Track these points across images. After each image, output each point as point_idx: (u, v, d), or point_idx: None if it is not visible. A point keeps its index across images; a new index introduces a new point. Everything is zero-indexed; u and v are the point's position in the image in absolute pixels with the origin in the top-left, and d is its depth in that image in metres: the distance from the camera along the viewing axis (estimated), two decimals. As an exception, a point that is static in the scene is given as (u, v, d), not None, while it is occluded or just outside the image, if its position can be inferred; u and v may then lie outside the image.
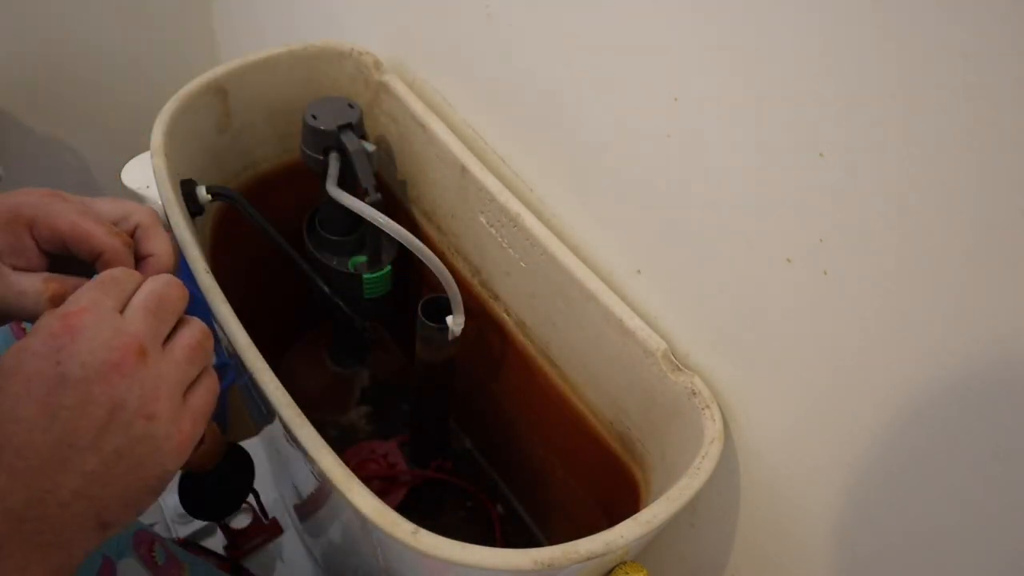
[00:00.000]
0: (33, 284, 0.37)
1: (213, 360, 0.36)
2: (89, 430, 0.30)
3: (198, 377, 0.35)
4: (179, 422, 0.33)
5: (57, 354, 0.30)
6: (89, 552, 0.31)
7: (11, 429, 0.29)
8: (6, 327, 0.50)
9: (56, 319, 0.31)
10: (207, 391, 0.35)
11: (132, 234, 0.40)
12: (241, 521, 0.76)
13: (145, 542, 0.51)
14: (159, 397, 0.32)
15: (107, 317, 0.32)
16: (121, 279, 0.34)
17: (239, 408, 0.89)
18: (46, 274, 0.38)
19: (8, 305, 0.37)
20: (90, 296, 0.32)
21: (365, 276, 0.59)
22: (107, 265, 0.37)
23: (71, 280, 0.38)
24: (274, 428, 0.46)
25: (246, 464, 0.52)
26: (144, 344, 0.32)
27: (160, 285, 0.34)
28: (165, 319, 0.34)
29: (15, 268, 0.37)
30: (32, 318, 0.37)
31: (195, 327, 0.35)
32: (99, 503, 0.31)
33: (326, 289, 0.60)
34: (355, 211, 0.50)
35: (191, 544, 0.73)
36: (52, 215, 0.37)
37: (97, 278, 0.34)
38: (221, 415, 0.90)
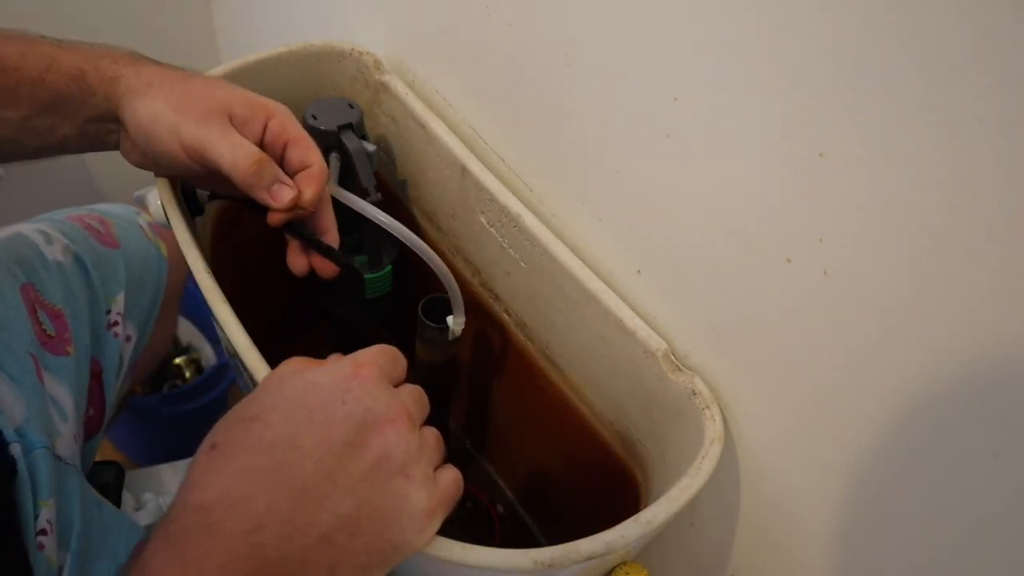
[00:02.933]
0: (249, 146, 0.42)
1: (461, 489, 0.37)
2: (354, 472, 0.31)
3: (442, 467, 0.36)
4: (430, 492, 0.33)
5: (344, 394, 0.32)
6: None
7: (284, 454, 0.30)
8: (18, 300, 0.50)
9: (349, 364, 0.34)
10: (455, 477, 0.36)
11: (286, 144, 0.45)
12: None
13: None
14: (419, 462, 0.33)
15: (387, 383, 0.35)
16: (398, 361, 0.37)
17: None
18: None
19: (220, 158, 0.42)
20: (376, 358, 0.35)
21: (366, 276, 0.59)
22: (307, 176, 0.44)
23: (275, 165, 0.43)
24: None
25: None
26: (412, 414, 0.34)
27: (420, 391, 0.37)
28: (422, 413, 0.36)
29: None
30: (232, 177, 0.42)
31: (435, 431, 0.37)
32: (338, 555, 0.30)
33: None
34: (356, 210, 0.50)
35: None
36: (289, 119, 0.45)
37: (380, 349, 0.37)
38: (221, 415, 0.90)
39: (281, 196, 0.43)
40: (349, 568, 0.31)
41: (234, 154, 0.42)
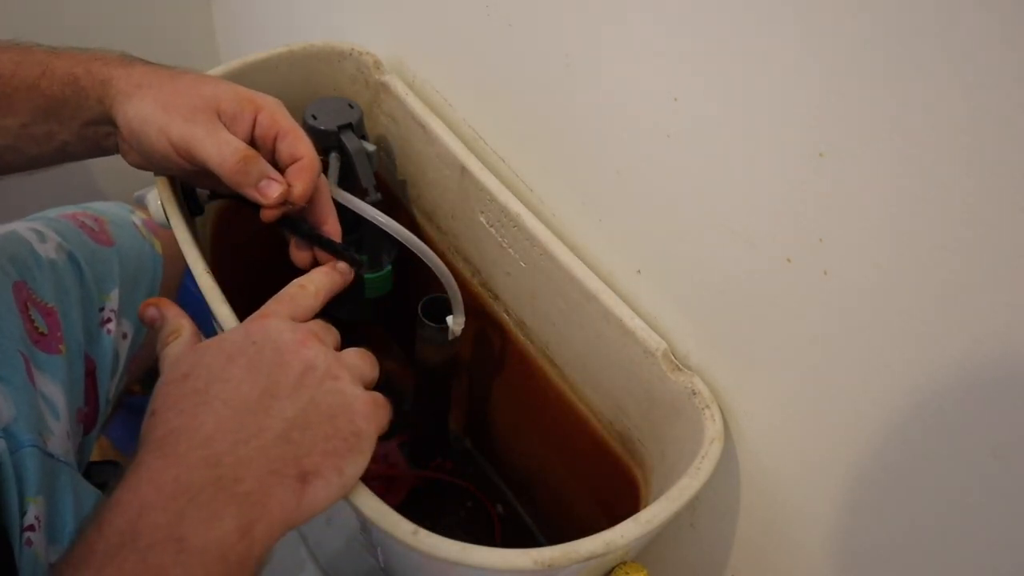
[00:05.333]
0: (236, 142, 0.42)
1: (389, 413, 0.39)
2: (287, 384, 0.34)
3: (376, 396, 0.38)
4: (362, 394, 0.36)
5: (251, 337, 0.36)
6: (287, 518, 0.31)
7: (220, 386, 0.33)
8: (9, 298, 0.50)
9: (248, 321, 0.38)
10: (385, 399, 0.38)
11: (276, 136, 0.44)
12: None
13: None
14: (342, 369, 0.36)
15: (286, 321, 0.38)
16: (297, 302, 0.40)
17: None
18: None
19: (207, 156, 0.41)
20: (274, 310, 0.39)
21: (366, 276, 0.59)
22: (297, 169, 0.43)
23: (263, 160, 0.43)
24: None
25: None
26: (322, 337, 0.38)
27: (322, 322, 0.40)
28: (331, 337, 0.39)
29: None
30: (219, 175, 0.41)
31: (363, 354, 0.40)
32: (299, 448, 0.33)
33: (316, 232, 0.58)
34: (356, 211, 0.50)
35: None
36: (279, 111, 0.44)
37: (275, 300, 0.40)
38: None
39: (269, 192, 0.42)
40: (318, 455, 0.33)
41: (220, 151, 0.41)
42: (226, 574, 0.29)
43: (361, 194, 0.52)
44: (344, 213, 0.50)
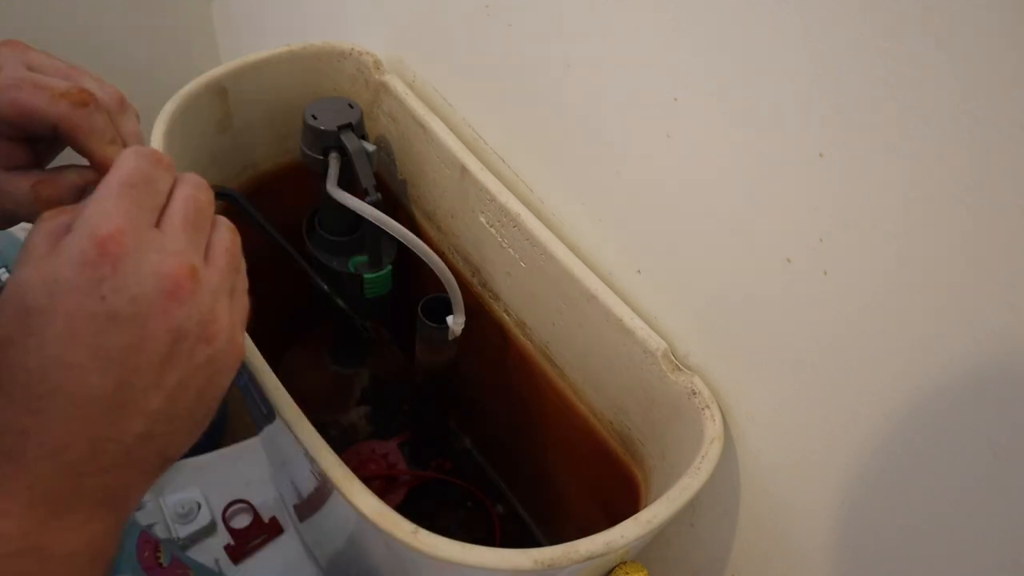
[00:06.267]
0: (20, 187, 0.31)
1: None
2: (150, 368, 0.27)
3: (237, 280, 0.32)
4: (234, 337, 0.30)
5: (99, 287, 0.26)
6: (143, 498, 0.29)
7: (61, 376, 0.26)
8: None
9: (89, 242, 0.26)
10: (243, 293, 0.32)
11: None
12: (241, 521, 0.76)
13: (150, 545, 0.51)
14: (216, 317, 0.29)
15: (148, 238, 0.27)
16: (153, 178, 0.28)
17: (239, 408, 0.88)
18: (36, 173, 0.32)
19: (4, 211, 0.32)
20: (122, 209, 0.27)
21: (366, 276, 0.59)
22: (70, 139, 0.31)
23: (65, 179, 0.32)
24: (274, 428, 0.46)
25: None
26: (194, 264, 0.28)
27: (192, 189, 0.30)
28: (204, 230, 0.30)
29: (5, 168, 0.32)
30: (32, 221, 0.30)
31: (225, 229, 0.31)
32: (164, 440, 0.29)
33: (325, 288, 0.60)
34: (355, 211, 0.50)
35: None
36: None
37: (124, 179, 0.27)
38: (220, 415, 0.90)
39: None
40: (179, 444, 0.29)
41: None
42: (96, 574, 0.27)
43: (361, 194, 0.52)
44: (344, 213, 0.50)
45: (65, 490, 0.26)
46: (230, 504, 0.76)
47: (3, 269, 0.55)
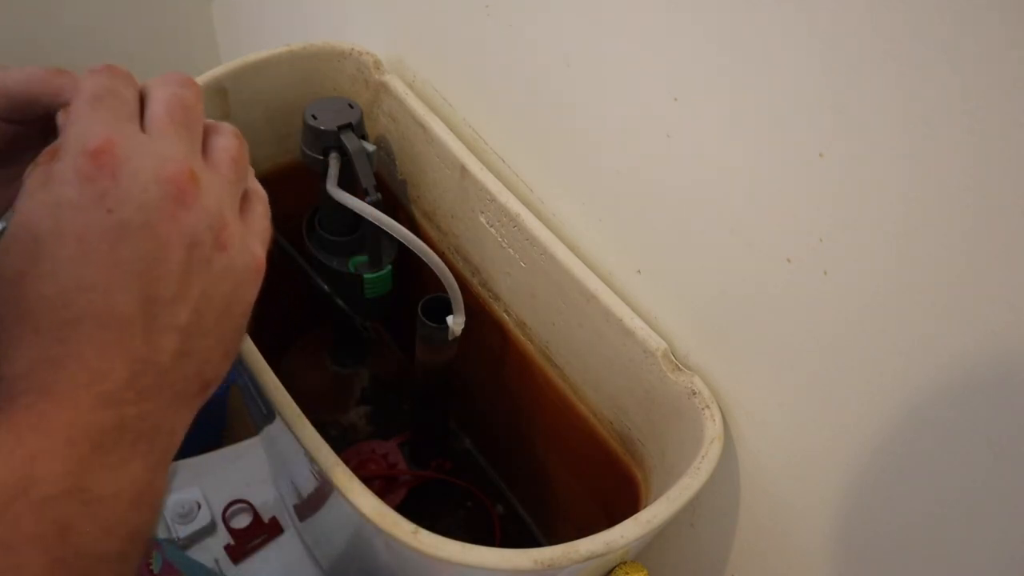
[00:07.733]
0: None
1: (252, 172, 0.31)
2: (171, 279, 0.26)
3: (246, 194, 0.30)
4: (250, 246, 0.29)
5: (103, 201, 0.25)
6: (186, 432, 0.27)
7: (84, 300, 0.24)
8: None
9: (82, 158, 0.25)
10: (263, 206, 0.30)
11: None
12: (241, 521, 0.76)
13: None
14: (226, 223, 0.27)
15: (139, 143, 0.26)
16: (115, 88, 0.27)
17: (239, 408, 0.89)
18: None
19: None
20: (102, 120, 0.26)
21: (366, 276, 0.59)
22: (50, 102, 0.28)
23: None
24: (274, 428, 0.46)
25: None
26: (192, 167, 0.27)
27: (174, 87, 0.28)
28: (195, 129, 0.28)
29: None
30: None
31: (228, 135, 0.30)
32: (200, 358, 0.27)
33: (325, 288, 0.60)
34: (355, 211, 0.50)
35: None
36: None
37: (89, 95, 0.26)
38: (220, 415, 0.90)
39: None
40: (219, 357, 0.28)
41: None
42: (141, 519, 0.26)
43: (361, 194, 0.52)
44: (344, 213, 0.50)
45: (107, 423, 0.25)
46: (230, 504, 0.76)
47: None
